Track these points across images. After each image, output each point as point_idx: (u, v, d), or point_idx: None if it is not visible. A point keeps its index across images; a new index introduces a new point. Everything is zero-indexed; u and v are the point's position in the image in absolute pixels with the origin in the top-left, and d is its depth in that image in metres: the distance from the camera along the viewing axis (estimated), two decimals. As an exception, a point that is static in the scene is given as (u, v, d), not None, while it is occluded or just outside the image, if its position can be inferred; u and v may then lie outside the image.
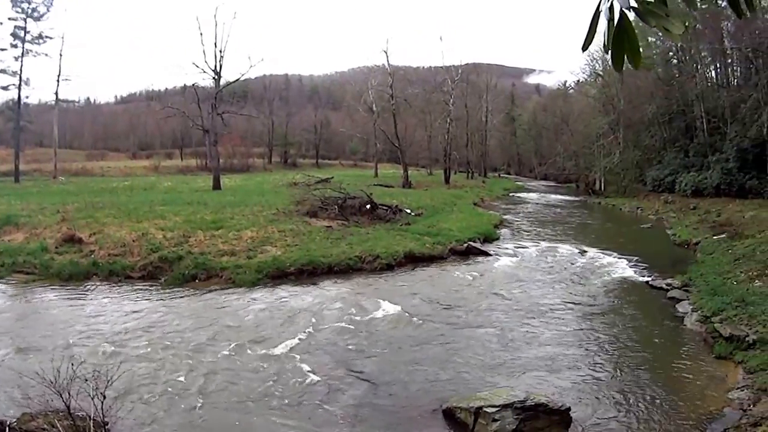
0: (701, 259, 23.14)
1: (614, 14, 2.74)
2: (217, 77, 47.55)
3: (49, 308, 15.56)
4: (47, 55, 59.79)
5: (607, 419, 9.68)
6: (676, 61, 54.70)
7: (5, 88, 56.91)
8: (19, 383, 9.82)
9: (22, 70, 56.20)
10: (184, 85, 64.41)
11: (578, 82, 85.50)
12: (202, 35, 49.06)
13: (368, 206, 30.08)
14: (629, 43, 2.77)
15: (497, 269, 21.82)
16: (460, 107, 77.52)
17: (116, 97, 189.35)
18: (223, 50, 47.45)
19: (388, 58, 65.84)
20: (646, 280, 20.16)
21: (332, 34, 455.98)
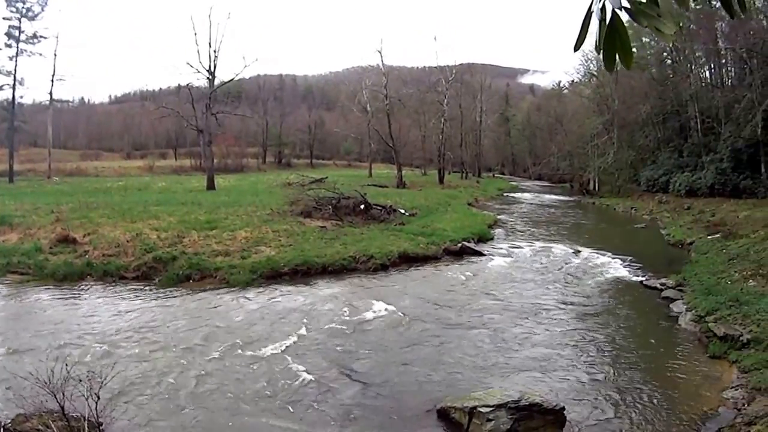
0: (695, 258, 23.18)
1: (606, 14, 2.73)
2: (211, 77, 47.47)
3: (43, 309, 15.46)
4: (42, 54, 59.76)
5: (601, 419, 9.67)
6: (670, 61, 54.80)
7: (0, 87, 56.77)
8: (13, 384, 9.75)
9: (16, 69, 56.16)
10: (178, 85, 64.29)
11: (572, 82, 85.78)
12: (196, 35, 49.05)
13: (362, 206, 30.04)
14: (621, 43, 2.76)
15: (491, 269, 21.82)
16: (454, 107, 77.48)
17: (110, 97, 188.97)
18: (217, 50, 47.48)
19: (382, 58, 66.09)
20: (640, 279, 20.18)
21: (327, 34, 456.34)
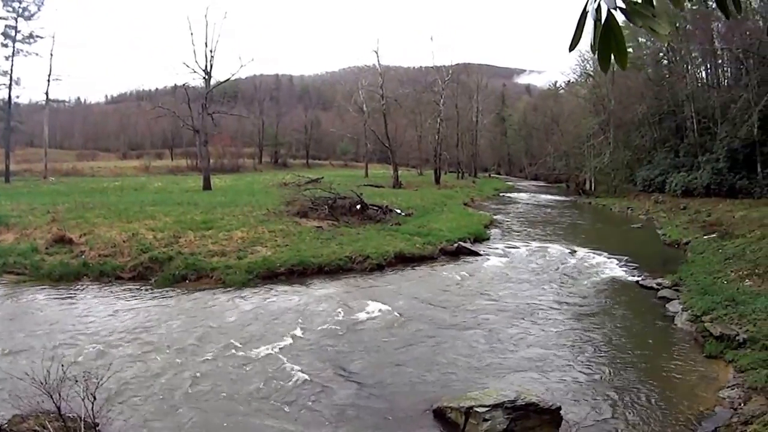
0: (691, 258, 23.20)
1: (601, 14, 2.72)
2: (207, 77, 47.33)
3: (39, 309, 15.38)
4: (38, 54, 59.88)
5: (598, 418, 9.65)
6: (666, 61, 55.03)
7: (-5, 87, 56.63)
8: (9, 384, 9.68)
9: (12, 69, 56.05)
10: (174, 85, 64.25)
11: (569, 82, 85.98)
12: (192, 35, 48.95)
13: (358, 206, 30.01)
14: (616, 43, 2.75)
15: (487, 269, 21.80)
16: (450, 107, 77.57)
17: (107, 97, 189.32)
18: (213, 50, 47.37)
19: (378, 58, 66.03)
20: (636, 279, 20.18)
21: (323, 34, 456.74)
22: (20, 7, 55.85)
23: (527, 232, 32.58)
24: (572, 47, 2.92)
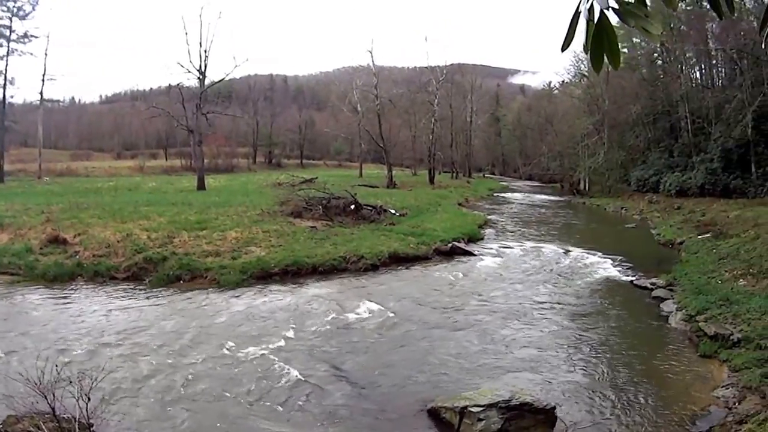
0: (686, 258, 23.25)
1: (594, 15, 2.70)
2: (201, 77, 47.19)
3: (33, 309, 15.34)
4: (32, 54, 59.41)
5: (592, 418, 9.65)
6: (660, 61, 55.16)
7: (-10, 87, 56.35)
8: (3, 385, 9.66)
9: (7, 69, 55.67)
10: (169, 85, 64.10)
11: (563, 82, 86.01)
12: (187, 35, 48.79)
13: (353, 206, 29.97)
14: (609, 43, 2.74)
15: (481, 269, 21.81)
16: (444, 107, 77.46)
17: (101, 96, 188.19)
18: (208, 50, 47.15)
19: (372, 58, 65.97)
20: (630, 279, 20.22)
21: (317, 34, 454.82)
22: (15, 6, 55.45)
23: (521, 232, 32.59)
24: (564, 47, 2.90)
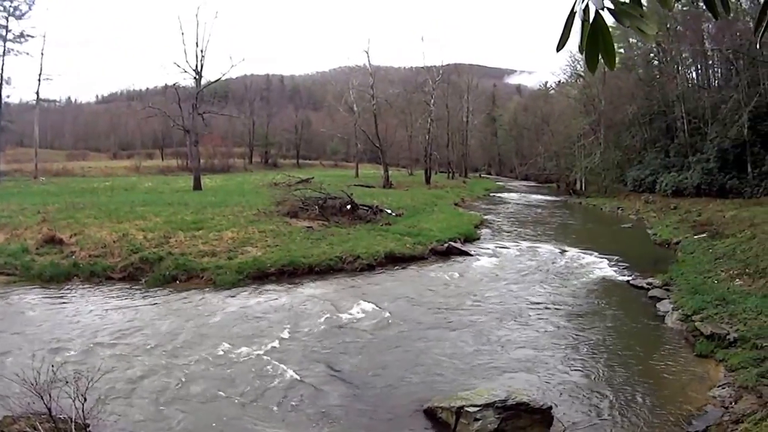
0: (682, 258, 23.26)
1: (589, 15, 2.69)
2: (198, 77, 47.14)
3: (29, 310, 15.28)
4: (29, 54, 59.38)
5: (589, 418, 9.64)
6: (657, 62, 55.24)
7: (-15, 87, 56.23)
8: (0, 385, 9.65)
9: (3, 69, 55.59)
10: (165, 85, 63.78)
11: (559, 82, 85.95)
12: (183, 35, 48.53)
13: (349, 206, 29.92)
14: (604, 44, 2.73)
15: (477, 269, 21.79)
16: (440, 107, 77.56)
17: (97, 96, 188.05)
18: (204, 50, 47.15)
19: (369, 58, 65.97)
20: (626, 279, 20.22)
21: (313, 34, 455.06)
22: (11, 6, 55.43)
23: (518, 232, 32.59)
24: (560, 48, 2.89)
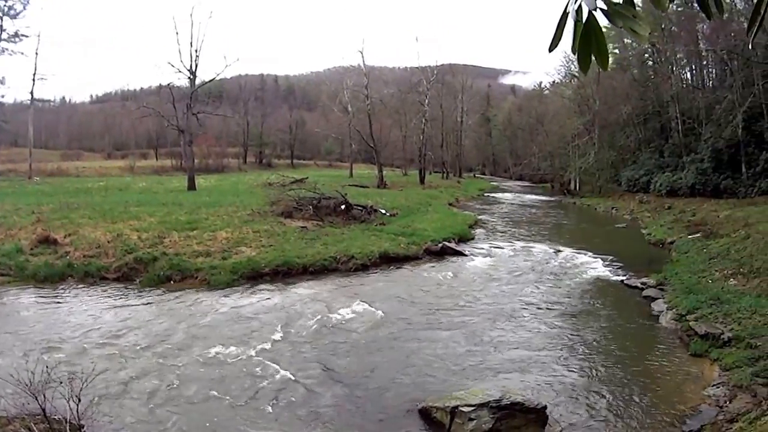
0: (676, 258, 23.31)
1: (582, 15, 2.68)
2: (192, 77, 46.96)
3: (23, 310, 15.25)
4: (23, 53, 59.21)
5: (583, 417, 9.64)
6: (651, 62, 55.38)
7: (-20, 87, 56.17)
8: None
9: (-3, 68, 55.53)
10: (159, 84, 63.77)
11: (554, 82, 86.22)
12: (178, 35, 48.45)
13: (343, 206, 29.90)
14: (597, 44, 2.72)
15: (472, 269, 21.79)
16: (435, 108, 77.49)
17: (92, 96, 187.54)
18: (198, 50, 46.85)
19: (363, 58, 65.76)
20: (621, 279, 20.25)
21: (308, 34, 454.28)
22: (5, 5, 55.20)
23: (512, 231, 32.61)
24: (552, 48, 2.88)
